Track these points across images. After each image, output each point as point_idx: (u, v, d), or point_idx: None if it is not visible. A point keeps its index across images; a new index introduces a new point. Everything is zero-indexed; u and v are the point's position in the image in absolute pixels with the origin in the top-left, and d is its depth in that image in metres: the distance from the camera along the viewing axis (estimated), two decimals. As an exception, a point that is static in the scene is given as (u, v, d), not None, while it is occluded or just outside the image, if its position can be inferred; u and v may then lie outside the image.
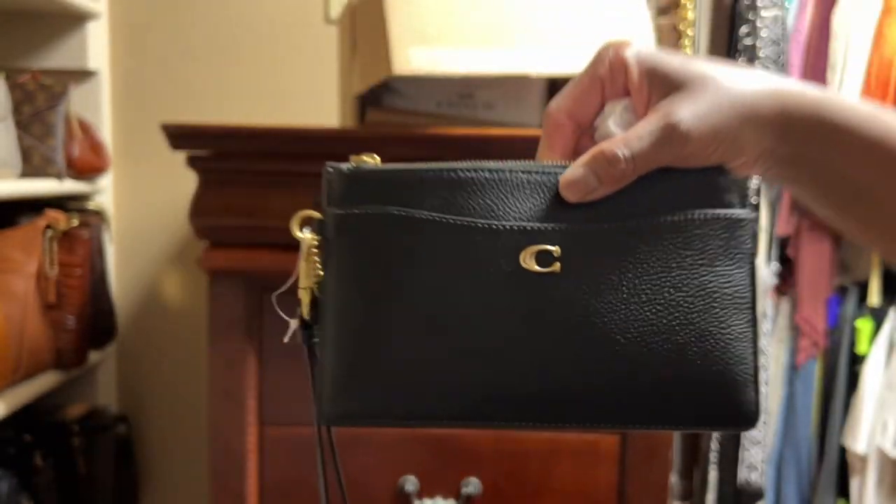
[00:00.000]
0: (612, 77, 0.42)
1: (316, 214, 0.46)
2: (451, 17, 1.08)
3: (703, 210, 0.41)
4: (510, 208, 0.41)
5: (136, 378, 1.74)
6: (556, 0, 1.12)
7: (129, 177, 1.71)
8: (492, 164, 0.43)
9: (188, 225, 1.19)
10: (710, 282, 0.40)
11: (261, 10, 1.68)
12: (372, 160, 0.46)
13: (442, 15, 1.08)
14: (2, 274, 1.28)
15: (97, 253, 1.50)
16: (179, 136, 1.15)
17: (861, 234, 0.44)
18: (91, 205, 1.57)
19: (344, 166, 0.46)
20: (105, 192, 1.65)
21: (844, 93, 1.61)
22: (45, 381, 1.36)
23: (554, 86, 1.33)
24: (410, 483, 1.21)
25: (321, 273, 0.45)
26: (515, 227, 0.40)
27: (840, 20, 1.62)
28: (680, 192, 0.41)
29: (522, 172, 0.42)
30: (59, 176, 1.38)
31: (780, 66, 1.63)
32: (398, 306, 0.41)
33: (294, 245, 1.31)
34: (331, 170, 0.47)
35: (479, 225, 0.41)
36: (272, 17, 1.69)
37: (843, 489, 1.67)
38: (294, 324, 0.48)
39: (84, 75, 1.61)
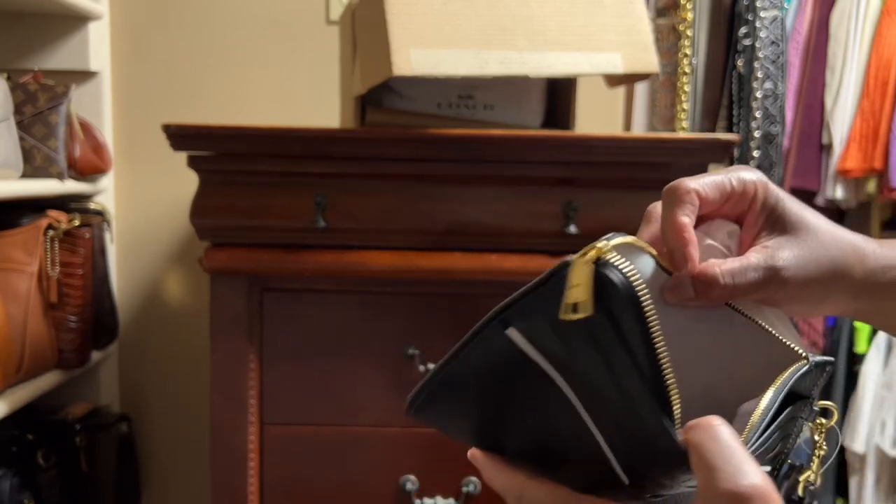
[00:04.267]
0: (741, 192, 0.44)
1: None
2: (451, 18, 1.09)
3: None
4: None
5: (137, 377, 1.75)
6: (555, 1, 1.13)
7: (130, 177, 1.71)
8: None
9: (189, 225, 1.20)
10: None
11: (262, 11, 1.69)
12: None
13: (442, 16, 1.08)
14: (4, 274, 1.28)
15: (99, 253, 1.51)
16: (180, 136, 1.15)
17: None
18: (92, 205, 1.57)
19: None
20: (106, 193, 1.66)
21: (843, 94, 1.61)
22: (47, 381, 1.36)
23: (553, 86, 1.33)
24: (410, 482, 1.21)
25: None
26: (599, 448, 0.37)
27: (839, 21, 1.63)
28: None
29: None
30: (60, 176, 1.38)
31: (780, 66, 1.64)
32: None
33: (294, 244, 1.32)
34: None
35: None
36: (273, 17, 1.69)
37: (841, 488, 1.68)
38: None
39: (85, 76, 1.61)
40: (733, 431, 0.34)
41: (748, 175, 0.44)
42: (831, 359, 0.42)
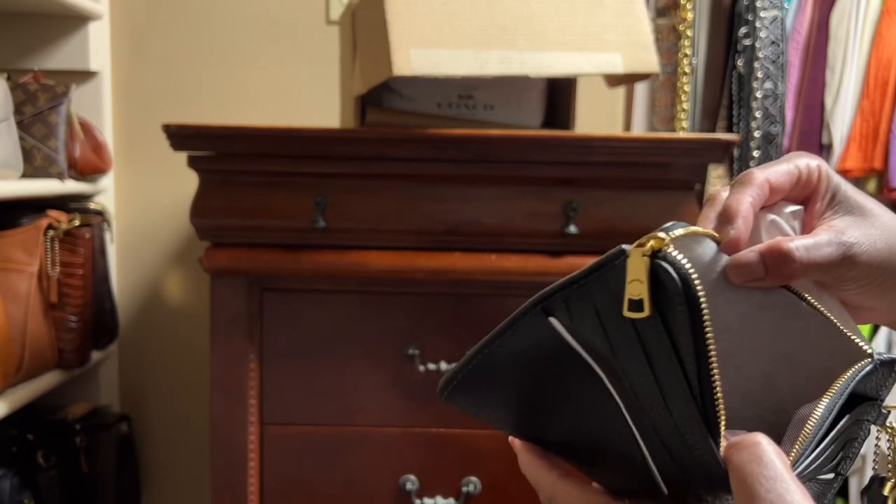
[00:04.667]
0: (807, 178, 0.44)
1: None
2: (451, 18, 1.09)
3: None
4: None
5: (137, 377, 1.75)
6: (555, 1, 1.13)
7: (130, 177, 1.71)
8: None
9: (189, 225, 1.20)
10: None
11: (262, 11, 1.69)
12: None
13: (442, 16, 1.08)
14: (4, 274, 1.28)
15: (99, 253, 1.51)
16: (180, 136, 1.15)
17: None
18: (92, 205, 1.57)
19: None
20: (106, 193, 1.66)
21: (843, 94, 1.61)
22: (47, 381, 1.36)
23: (553, 86, 1.33)
24: (410, 482, 1.21)
25: None
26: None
27: (839, 21, 1.63)
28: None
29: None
30: (60, 176, 1.38)
31: (780, 66, 1.64)
32: None
33: (294, 244, 1.31)
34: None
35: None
36: (273, 17, 1.69)
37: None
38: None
39: (85, 76, 1.61)
40: (778, 451, 0.32)
41: (812, 160, 0.44)
42: None
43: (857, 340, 0.40)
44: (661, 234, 0.33)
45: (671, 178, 1.18)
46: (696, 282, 0.32)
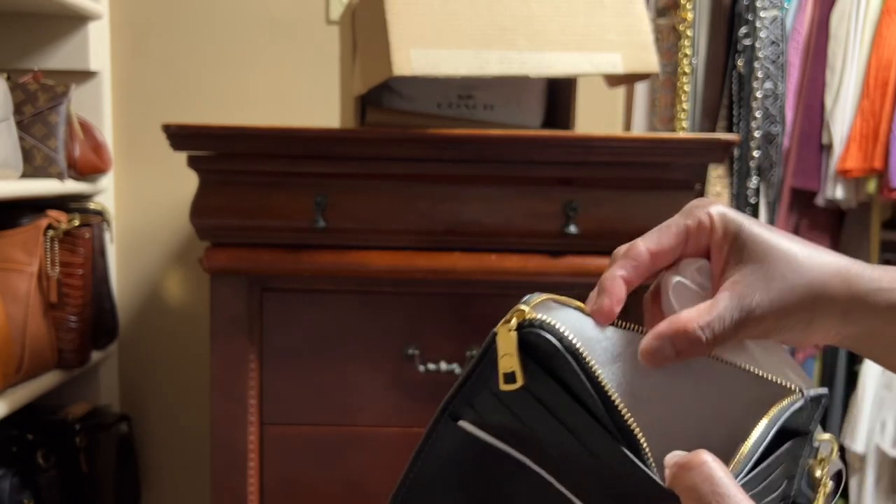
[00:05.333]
0: (697, 231, 0.42)
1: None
2: (451, 18, 1.09)
3: None
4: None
5: (137, 377, 1.75)
6: (555, 1, 1.13)
7: (130, 177, 1.71)
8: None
9: (189, 225, 1.20)
10: None
11: (262, 11, 1.69)
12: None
13: (442, 16, 1.08)
14: (4, 274, 1.28)
15: (99, 253, 1.51)
16: (180, 136, 1.15)
17: None
18: (92, 205, 1.57)
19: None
20: (106, 193, 1.66)
21: (843, 94, 1.61)
22: (47, 381, 1.36)
23: (553, 86, 1.33)
24: (410, 482, 1.21)
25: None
26: None
27: (839, 21, 1.63)
28: None
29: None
30: (60, 176, 1.38)
31: (780, 66, 1.64)
32: None
33: (294, 244, 1.31)
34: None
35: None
36: (273, 17, 1.69)
37: (843, 491, 1.68)
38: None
39: (85, 76, 1.61)
40: (724, 468, 0.33)
41: (701, 210, 0.43)
42: (824, 391, 0.40)
43: (779, 381, 0.40)
44: (522, 307, 0.36)
45: (671, 178, 1.18)
46: (566, 332, 0.35)
